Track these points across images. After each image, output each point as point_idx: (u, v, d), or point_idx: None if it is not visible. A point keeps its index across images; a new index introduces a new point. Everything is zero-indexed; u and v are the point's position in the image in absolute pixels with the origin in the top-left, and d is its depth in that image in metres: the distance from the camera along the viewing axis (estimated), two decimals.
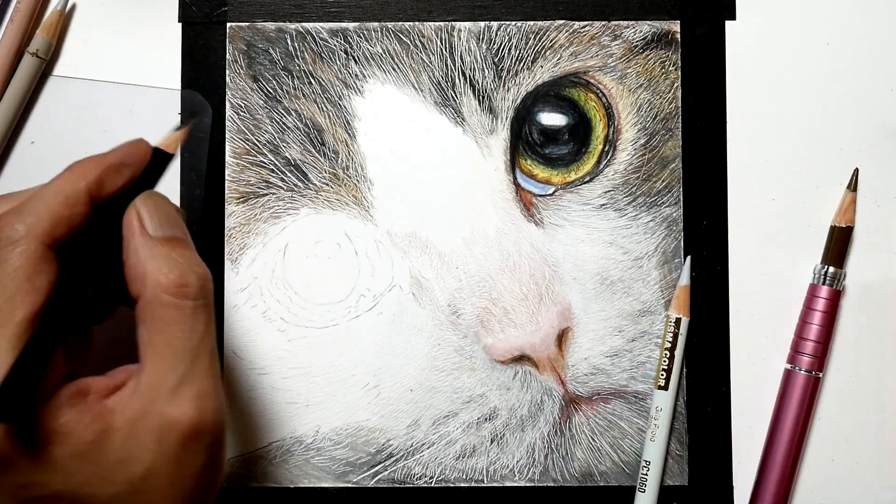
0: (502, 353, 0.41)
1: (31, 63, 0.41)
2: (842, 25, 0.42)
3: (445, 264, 0.41)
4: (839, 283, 0.40)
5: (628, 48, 0.42)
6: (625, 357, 0.41)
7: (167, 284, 0.30)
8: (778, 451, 0.40)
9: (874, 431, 0.41)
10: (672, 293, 0.41)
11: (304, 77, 0.41)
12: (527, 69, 0.41)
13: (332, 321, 0.41)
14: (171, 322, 0.30)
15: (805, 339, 0.40)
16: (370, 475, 0.41)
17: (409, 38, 0.42)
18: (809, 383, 0.40)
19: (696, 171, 0.42)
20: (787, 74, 0.42)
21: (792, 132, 0.42)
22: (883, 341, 0.41)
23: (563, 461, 0.41)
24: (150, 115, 0.42)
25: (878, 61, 0.42)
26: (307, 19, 0.42)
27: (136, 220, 0.31)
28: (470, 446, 0.41)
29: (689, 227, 0.41)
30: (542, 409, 0.41)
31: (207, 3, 0.42)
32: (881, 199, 0.42)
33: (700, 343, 0.41)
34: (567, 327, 0.41)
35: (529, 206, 0.41)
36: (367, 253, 0.41)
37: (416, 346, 0.41)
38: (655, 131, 0.42)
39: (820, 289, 0.40)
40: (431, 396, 0.41)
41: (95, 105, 0.42)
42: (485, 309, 0.41)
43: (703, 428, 0.41)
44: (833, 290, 0.40)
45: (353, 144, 0.41)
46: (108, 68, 0.42)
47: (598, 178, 0.41)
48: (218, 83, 0.42)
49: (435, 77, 0.41)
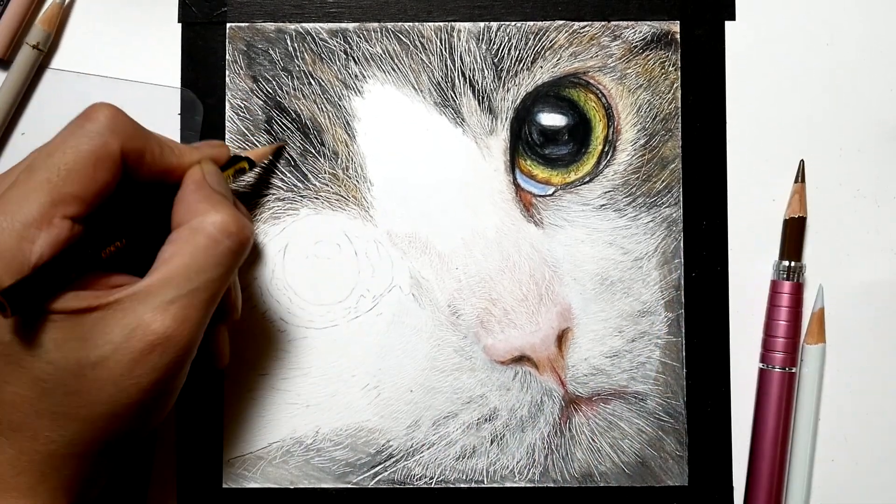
0: (502, 353, 0.41)
1: (29, 54, 0.41)
2: (842, 25, 0.42)
3: (445, 265, 0.41)
4: (800, 277, 0.40)
5: (628, 48, 0.42)
6: (625, 357, 0.41)
7: (213, 220, 0.31)
8: (765, 454, 0.40)
9: (874, 431, 0.41)
10: (672, 293, 0.41)
11: (303, 77, 0.41)
12: (526, 69, 0.41)
13: (332, 322, 0.41)
14: (202, 250, 0.31)
15: (774, 336, 0.40)
16: (370, 476, 0.41)
17: (408, 38, 0.42)
18: (785, 380, 0.40)
19: (696, 171, 0.42)
20: (787, 74, 0.42)
21: (792, 132, 0.42)
22: (886, 342, 0.41)
23: (563, 462, 0.41)
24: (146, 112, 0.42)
25: (878, 61, 0.42)
26: (307, 20, 0.42)
27: (200, 173, 0.34)
28: (470, 447, 0.41)
29: (689, 227, 0.41)
30: (542, 409, 0.41)
31: (207, 4, 0.42)
32: (881, 200, 0.42)
33: (700, 343, 0.41)
34: (567, 328, 0.41)
35: (529, 207, 0.41)
36: (367, 253, 0.41)
37: (415, 347, 0.41)
38: (655, 132, 0.42)
39: (782, 284, 0.40)
40: (431, 397, 0.41)
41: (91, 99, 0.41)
42: (485, 309, 0.41)
43: (703, 428, 0.41)
44: (795, 284, 0.40)
45: (353, 145, 0.41)
46: (108, 68, 0.42)
47: (597, 179, 0.41)
48: (218, 83, 0.42)
49: (435, 77, 0.41)
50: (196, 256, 0.31)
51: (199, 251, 0.31)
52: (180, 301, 0.30)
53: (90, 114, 0.32)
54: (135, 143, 0.32)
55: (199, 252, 0.31)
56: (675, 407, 0.41)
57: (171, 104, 0.42)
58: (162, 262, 0.31)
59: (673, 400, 0.41)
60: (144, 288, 0.30)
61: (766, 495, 0.40)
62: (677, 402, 0.41)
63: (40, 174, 0.30)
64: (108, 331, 0.30)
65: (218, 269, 0.31)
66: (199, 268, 0.31)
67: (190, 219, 0.32)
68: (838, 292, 0.41)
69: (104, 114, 0.32)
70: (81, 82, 0.42)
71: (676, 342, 0.41)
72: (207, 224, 0.31)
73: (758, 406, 0.41)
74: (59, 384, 0.30)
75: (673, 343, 0.41)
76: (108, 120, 0.31)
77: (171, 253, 0.31)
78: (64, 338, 0.29)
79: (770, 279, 0.41)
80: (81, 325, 0.30)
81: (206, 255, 0.31)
